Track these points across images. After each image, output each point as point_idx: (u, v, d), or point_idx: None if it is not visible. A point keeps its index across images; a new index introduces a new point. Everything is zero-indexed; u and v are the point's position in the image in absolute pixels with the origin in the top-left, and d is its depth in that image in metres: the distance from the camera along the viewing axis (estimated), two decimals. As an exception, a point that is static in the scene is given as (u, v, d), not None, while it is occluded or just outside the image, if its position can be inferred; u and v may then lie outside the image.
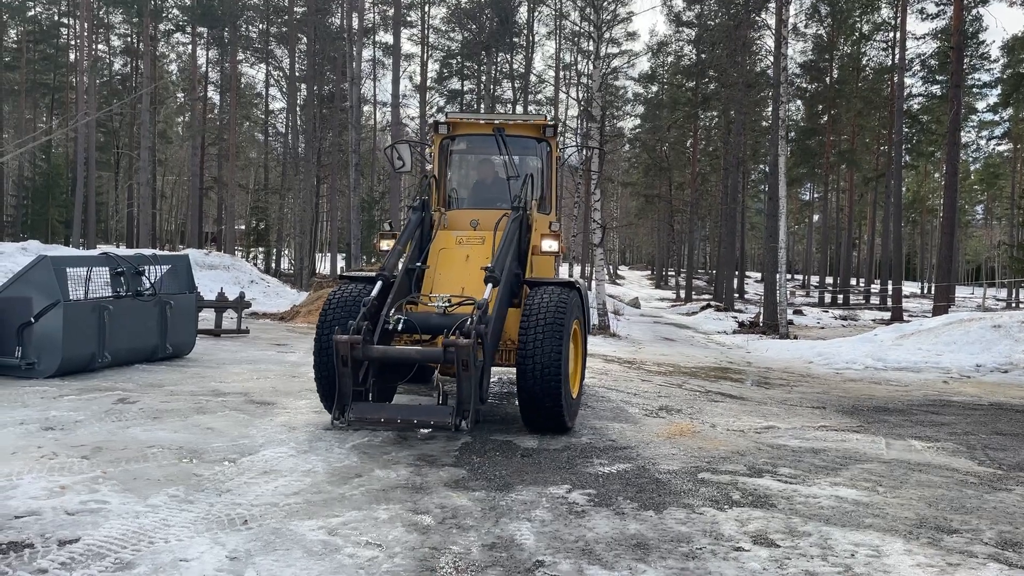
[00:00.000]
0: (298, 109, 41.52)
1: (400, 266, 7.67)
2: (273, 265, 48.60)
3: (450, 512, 4.90)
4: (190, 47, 47.03)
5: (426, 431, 6.70)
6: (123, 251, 16.36)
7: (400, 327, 6.57)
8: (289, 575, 3.86)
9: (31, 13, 46.33)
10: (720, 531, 4.69)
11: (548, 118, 8.73)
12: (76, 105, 39.87)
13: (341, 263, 37.64)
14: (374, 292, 6.89)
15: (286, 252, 50.79)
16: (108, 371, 9.81)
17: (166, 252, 22.17)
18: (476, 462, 6.14)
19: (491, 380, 7.08)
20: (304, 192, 36.92)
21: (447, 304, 6.81)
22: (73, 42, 47.63)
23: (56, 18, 47.91)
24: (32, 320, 9.04)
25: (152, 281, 10.57)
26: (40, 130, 44.72)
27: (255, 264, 41.98)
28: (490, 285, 6.69)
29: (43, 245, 22.87)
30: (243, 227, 52.45)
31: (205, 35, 45.72)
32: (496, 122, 8.71)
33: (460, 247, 7.84)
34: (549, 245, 7.86)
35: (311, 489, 5.26)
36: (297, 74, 41.70)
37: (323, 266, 47.43)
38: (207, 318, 15.88)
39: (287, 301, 24.46)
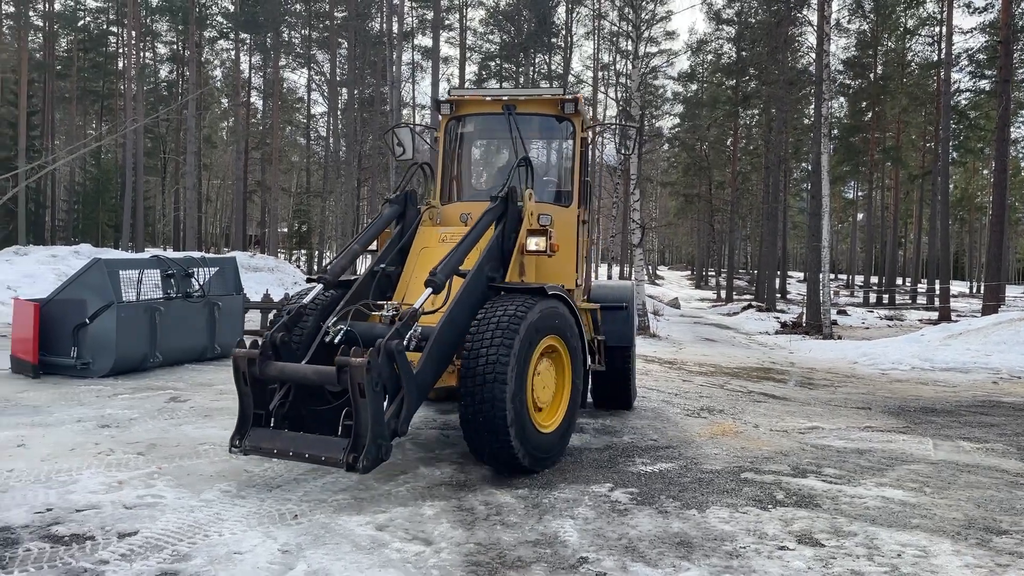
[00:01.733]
0: (339, 113, 42.04)
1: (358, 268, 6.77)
2: (315, 267, 49.26)
3: (494, 509, 4.97)
4: (233, 53, 47.92)
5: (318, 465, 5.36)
6: (172, 254, 16.76)
7: (339, 339, 5.57)
8: (339, 568, 3.96)
9: (81, 23, 47.60)
10: (764, 530, 4.69)
11: (568, 92, 7.36)
12: (124, 112, 40.87)
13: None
14: (307, 297, 6.09)
15: (327, 254, 51.40)
16: (159, 371, 10.07)
17: (214, 255, 22.61)
18: (519, 460, 6.19)
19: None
20: (345, 195, 37.40)
21: (394, 312, 5.64)
22: (121, 50, 48.83)
23: (105, 27, 49.15)
24: (87, 321, 9.32)
25: (201, 283, 10.83)
26: (90, 136, 45.95)
27: (298, 266, 42.59)
28: (428, 290, 5.60)
29: (94, 248, 23.50)
30: (285, 230, 53.24)
31: (248, 41, 46.55)
32: (505, 98, 7.48)
33: (443, 245, 6.65)
34: (535, 243, 6.50)
35: (358, 486, 5.37)
36: (338, 78, 42.24)
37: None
38: (252, 319, 16.19)
39: (329, 302, 24.77)
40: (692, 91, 52.87)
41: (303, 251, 49.76)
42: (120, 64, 48.33)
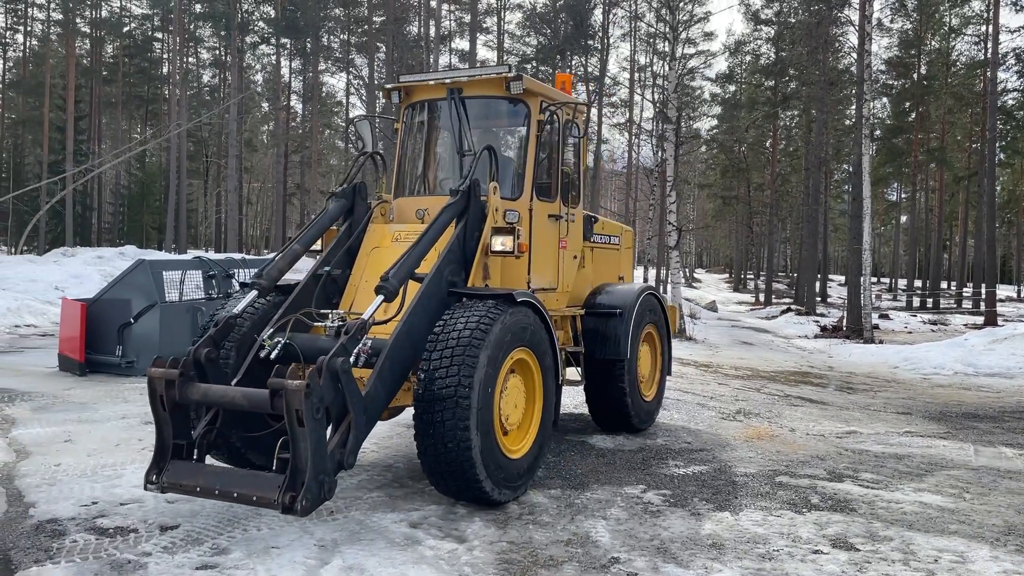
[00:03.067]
0: (377, 118, 42.50)
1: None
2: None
3: (527, 508, 5.00)
4: (274, 58, 48.67)
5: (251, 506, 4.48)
6: (214, 255, 17.07)
7: (276, 354, 4.88)
8: (373, 564, 4.03)
9: (126, 29, 48.69)
10: (798, 534, 4.67)
11: (513, 70, 6.36)
12: (168, 116, 41.75)
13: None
14: (239, 306, 5.29)
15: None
16: (200, 369, 10.26)
17: (254, 256, 23.01)
18: (552, 461, 6.23)
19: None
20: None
21: (340, 323, 4.89)
22: (166, 56, 49.87)
23: (150, 33, 50.24)
24: (131, 321, 9.57)
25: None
26: (135, 140, 47.00)
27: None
28: (380, 298, 4.93)
29: (139, 250, 24.03)
30: (324, 232, 53.83)
31: (288, 46, 47.23)
32: (447, 81, 6.58)
33: (396, 245, 5.96)
34: (501, 243, 5.73)
35: (393, 483, 5.44)
36: (376, 82, 42.69)
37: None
38: (291, 320, 16.45)
39: (366, 304, 25.01)
40: (730, 92, 52.38)
41: (341, 253, 50.26)
42: (165, 69, 49.38)
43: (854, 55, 29.58)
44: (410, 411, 5.05)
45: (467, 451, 4.68)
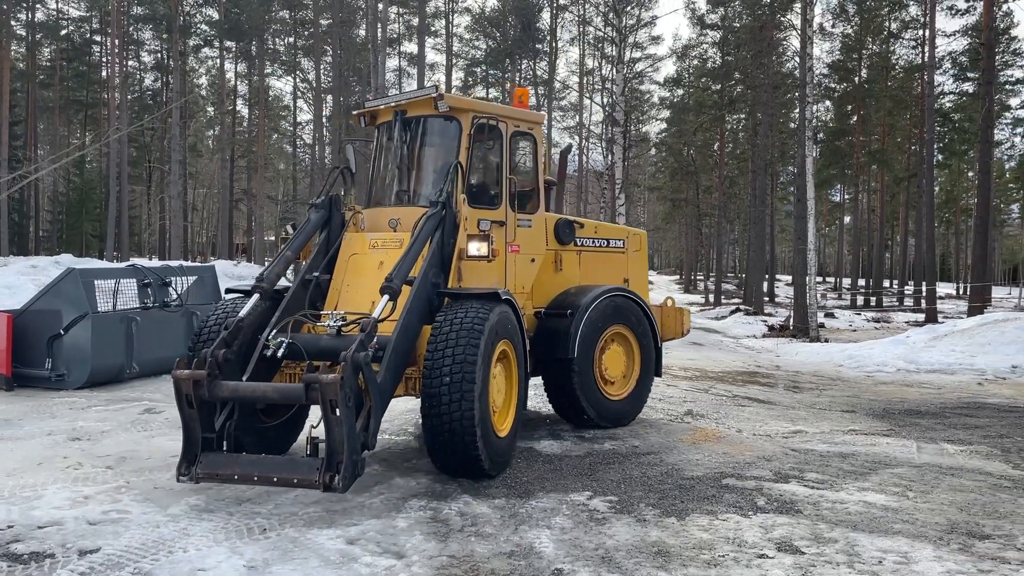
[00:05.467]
0: (325, 120, 41.91)
1: (292, 277, 6.46)
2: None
3: (470, 520, 4.86)
4: (218, 61, 47.73)
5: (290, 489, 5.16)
6: (150, 263, 16.58)
7: (281, 352, 5.41)
8: (305, 584, 3.84)
9: (64, 32, 47.26)
10: (744, 538, 4.61)
11: (441, 88, 7.00)
12: (108, 121, 40.60)
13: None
14: (244, 309, 5.70)
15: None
16: (136, 381, 9.92)
17: (192, 263, 22.43)
18: (497, 469, 6.09)
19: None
20: (331, 202, 37.25)
21: (341, 323, 5.59)
22: (104, 59, 48.46)
23: (88, 36, 48.83)
24: (61, 332, 9.18)
25: (179, 292, 10.68)
26: (73, 146, 45.62)
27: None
28: (385, 297, 5.50)
29: (75, 259, 23.23)
30: (273, 238, 52.99)
31: (233, 49, 46.37)
32: (392, 104, 7.25)
33: (374, 252, 6.56)
34: (476, 248, 6.34)
35: (330, 498, 5.25)
36: (324, 86, 42.12)
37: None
38: (235, 328, 16.04)
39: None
40: (678, 96, 52.99)
41: (290, 259, 49.50)
42: (104, 73, 48.02)
43: (797, 59, 30.08)
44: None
45: (472, 433, 5.36)
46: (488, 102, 7.56)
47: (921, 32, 41.37)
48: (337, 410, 4.58)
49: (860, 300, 46.87)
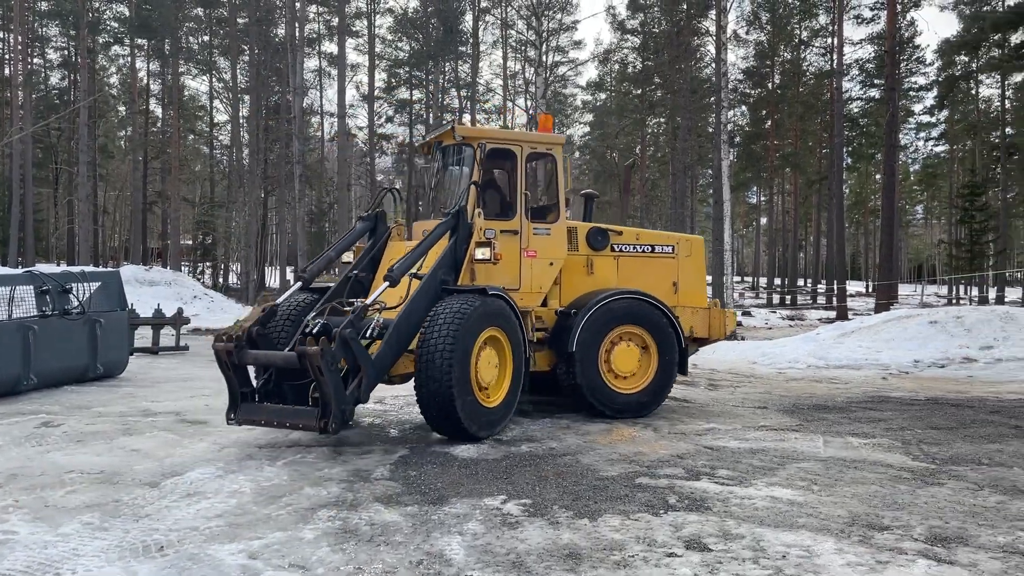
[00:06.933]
0: (243, 121, 40.89)
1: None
2: (220, 280, 47.69)
3: (380, 529, 4.76)
4: (129, 59, 46.02)
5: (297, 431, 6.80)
6: (49, 268, 15.85)
7: (316, 331, 6.53)
8: (202, 603, 3.68)
9: (-39, 27, 44.91)
10: (654, 537, 4.64)
11: (455, 123, 8.63)
12: (11, 120, 38.67)
13: (289, 276, 37.07)
14: (282, 297, 7.59)
15: (234, 267, 49.82)
16: (34, 393, 9.45)
17: (96, 269, 21.55)
18: (411, 475, 6.01)
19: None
20: (249, 205, 36.32)
21: (362, 308, 6.74)
22: (7, 56, 46.22)
23: (-12, 31, 46.47)
24: (-50, 343, 8.66)
25: (80, 299, 10.22)
26: (-27, 147, 43.29)
27: (200, 279, 41.15)
28: (385, 284, 6.98)
29: (-26, 265, 22.05)
30: (189, 242, 51.39)
31: (146, 47, 44.78)
32: (431, 137, 9.09)
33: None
34: (481, 253, 7.67)
35: (236, 511, 5.07)
36: (241, 85, 41.08)
37: (273, 279, 46.71)
38: (145, 335, 15.46)
39: (231, 316, 23.95)
40: (601, 100, 53.70)
41: (208, 264, 48.12)
42: (7, 71, 45.74)
43: (714, 65, 30.81)
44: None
45: (449, 396, 6.70)
46: (503, 129, 9.23)
47: (830, 40, 42.93)
48: (323, 373, 5.94)
49: (776, 299, 48.31)
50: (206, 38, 44.98)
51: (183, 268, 43.07)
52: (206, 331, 20.85)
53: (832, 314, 31.68)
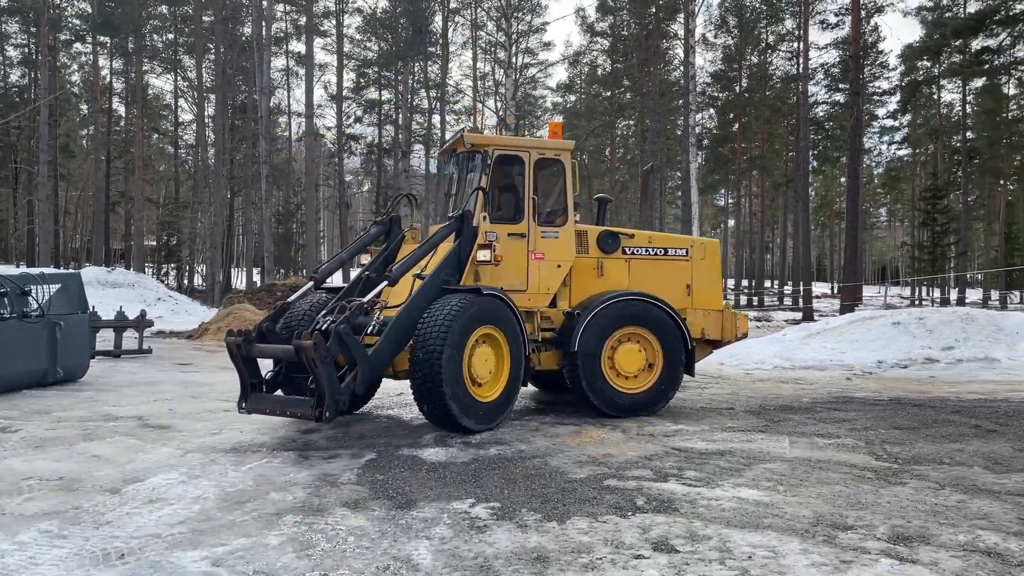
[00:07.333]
0: (208, 120, 40.37)
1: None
2: (185, 282, 47.05)
3: (346, 534, 4.71)
4: (92, 57, 45.22)
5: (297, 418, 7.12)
6: (7, 270, 15.51)
7: (325, 327, 6.83)
8: (163, 612, 3.61)
9: (-83, 22, 43.82)
10: (622, 539, 4.64)
11: (465, 131, 9.02)
12: (-32, 118, 37.86)
13: (256, 278, 36.66)
14: (293, 296, 8.17)
15: (199, 268, 49.16)
16: (-9, 398, 9.22)
17: (57, 270, 21.14)
18: (379, 480, 5.96)
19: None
20: (215, 206, 35.88)
21: (358, 306, 7.15)
22: (-36, 53, 45.25)
23: (-55, 27, 45.41)
24: (-97, 347, 8.43)
25: (40, 301, 10.00)
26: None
27: (165, 281, 40.55)
28: (384, 283, 7.49)
29: (-71, 266, 21.52)
30: (154, 243, 50.62)
31: (109, 45, 44.05)
32: (448, 144, 9.49)
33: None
34: (482, 255, 8.06)
35: (199, 517, 4.99)
36: (207, 84, 40.58)
37: (239, 281, 46.18)
38: (107, 338, 15.19)
39: (196, 319, 23.65)
40: (571, 101, 53.87)
41: (172, 265, 47.43)
42: (-37, 67, 44.77)
43: (682, 68, 31.05)
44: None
45: (439, 389, 7.05)
46: (513, 137, 9.96)
47: (796, 44, 43.52)
48: (317, 365, 6.34)
49: (744, 300, 48.79)
50: (171, 36, 44.42)
51: (147, 270, 42.44)
52: (170, 334, 20.56)
53: (798, 315, 32.08)
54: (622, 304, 8.76)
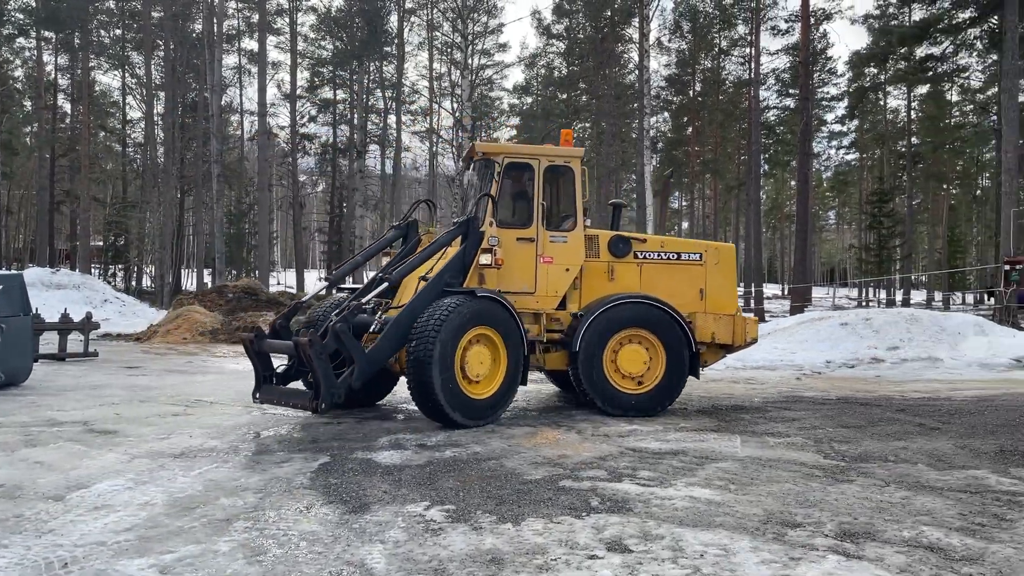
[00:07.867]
0: (158, 118, 39.57)
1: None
2: (133, 283, 46.02)
3: (297, 539, 4.65)
4: (36, 52, 44.00)
5: (299, 410, 7.83)
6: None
7: (339, 326, 7.28)
8: (108, 622, 3.53)
9: None
10: (576, 540, 4.66)
11: (474, 140, 9.83)
12: (-96, 113, 36.54)
13: (207, 279, 36.02)
14: (307, 296, 9.31)
15: (148, 269, 48.13)
16: (-72, 404, 8.91)
17: (6, 271, 20.52)
18: (332, 483, 5.89)
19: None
20: (164, 205, 35.17)
21: (356, 306, 7.72)
22: (-100, 45, 43.61)
23: None
24: None
25: (-20, 304, 9.69)
26: None
27: (112, 283, 39.61)
28: (384, 284, 8.04)
29: None
30: (100, 243, 49.40)
31: (53, 40, 42.90)
32: (466, 152, 9.89)
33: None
34: (485, 259, 8.40)
35: (146, 523, 4.88)
36: (156, 82, 39.76)
37: (189, 282, 45.32)
38: (51, 341, 14.79)
39: (145, 320, 23.15)
40: (527, 103, 53.95)
41: (120, 266, 46.35)
42: (-101, 61, 43.15)
43: (637, 71, 31.34)
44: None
45: (431, 386, 7.48)
46: (523, 144, 10.12)
47: (748, 50, 44.23)
48: (313, 361, 6.94)
49: (697, 301, 49.28)
50: (119, 32, 43.42)
51: (93, 271, 41.40)
52: (117, 336, 20.10)
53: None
54: (624, 306, 8.98)
